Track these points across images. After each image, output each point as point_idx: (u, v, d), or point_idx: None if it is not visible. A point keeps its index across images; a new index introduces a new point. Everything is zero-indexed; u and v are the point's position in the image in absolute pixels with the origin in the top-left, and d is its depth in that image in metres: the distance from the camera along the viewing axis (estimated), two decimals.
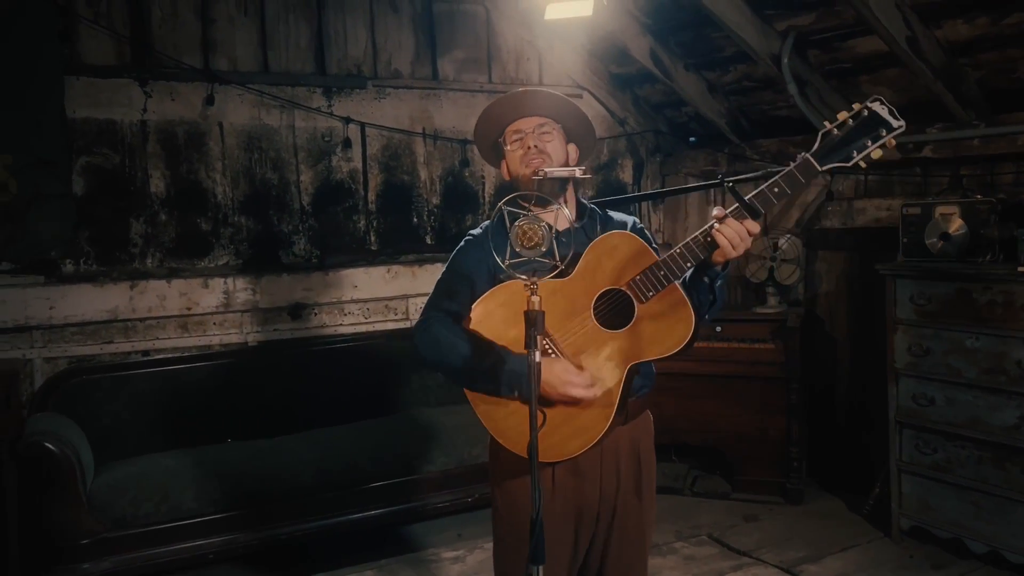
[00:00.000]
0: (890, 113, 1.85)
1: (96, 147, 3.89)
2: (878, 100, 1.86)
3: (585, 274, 1.99)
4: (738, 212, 1.89)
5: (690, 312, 1.94)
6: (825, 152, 1.87)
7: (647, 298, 1.94)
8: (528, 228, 1.75)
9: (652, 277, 1.93)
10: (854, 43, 3.91)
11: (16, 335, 3.73)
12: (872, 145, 1.86)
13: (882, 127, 1.85)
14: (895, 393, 3.78)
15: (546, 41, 4.94)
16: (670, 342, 1.95)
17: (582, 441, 1.96)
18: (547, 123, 2.10)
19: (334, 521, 3.68)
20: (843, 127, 1.86)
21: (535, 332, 1.74)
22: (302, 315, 4.33)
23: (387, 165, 4.57)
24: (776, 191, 1.88)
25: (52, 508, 3.23)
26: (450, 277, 2.13)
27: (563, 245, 2.05)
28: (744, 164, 4.89)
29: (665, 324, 1.95)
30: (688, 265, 1.93)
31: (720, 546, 3.93)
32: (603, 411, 1.96)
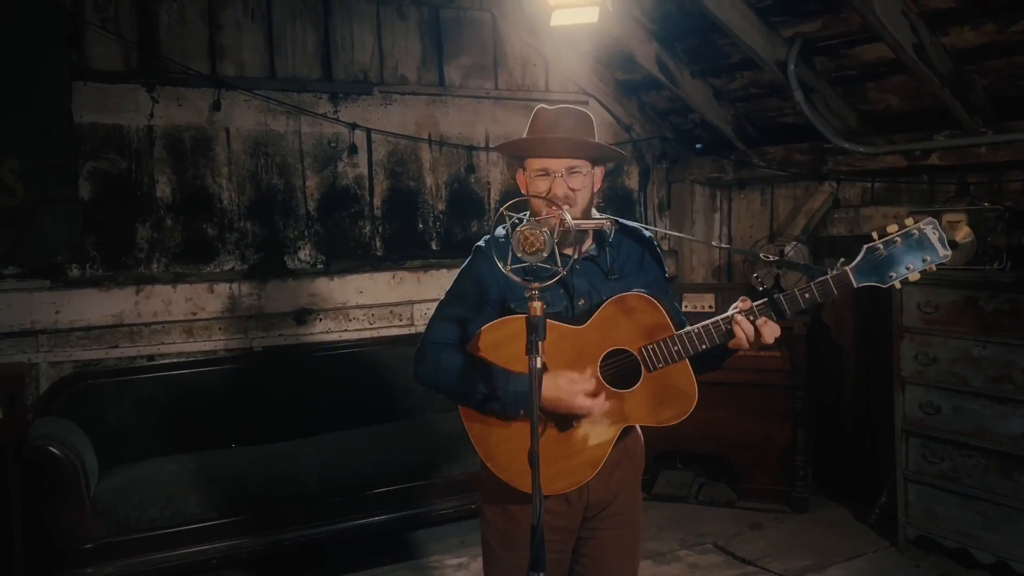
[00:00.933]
0: (940, 240, 1.83)
1: (103, 152, 3.91)
2: (932, 223, 1.83)
3: (598, 328, 2.00)
4: (764, 308, 1.91)
5: (694, 391, 1.98)
6: (866, 269, 1.86)
7: (655, 368, 1.97)
8: (530, 233, 1.74)
9: (665, 350, 1.95)
10: (861, 50, 3.90)
11: (22, 339, 3.75)
12: (912, 271, 1.84)
13: (928, 253, 1.83)
14: (901, 401, 3.76)
15: (552, 47, 4.94)
16: (670, 414, 1.99)
17: (565, 484, 2.00)
18: (576, 164, 2.01)
19: (338, 527, 3.68)
20: (890, 245, 1.84)
21: (536, 338, 1.73)
22: (307, 320, 4.33)
23: (393, 171, 4.58)
24: (807, 297, 1.89)
25: (56, 512, 3.24)
26: (455, 296, 2.11)
27: (577, 274, 2.07)
28: (750, 171, 4.89)
29: (669, 396, 1.99)
30: (703, 347, 1.95)
31: (725, 554, 3.91)
32: (590, 463, 2.00)
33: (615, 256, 2.12)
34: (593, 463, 2.00)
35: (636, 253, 2.16)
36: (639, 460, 2.22)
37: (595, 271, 2.09)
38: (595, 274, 2.08)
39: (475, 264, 2.10)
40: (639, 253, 2.16)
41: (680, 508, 4.47)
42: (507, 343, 1.97)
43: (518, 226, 1.76)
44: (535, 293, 1.75)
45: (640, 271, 2.14)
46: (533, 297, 1.75)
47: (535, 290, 1.75)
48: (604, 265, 2.09)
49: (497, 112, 4.84)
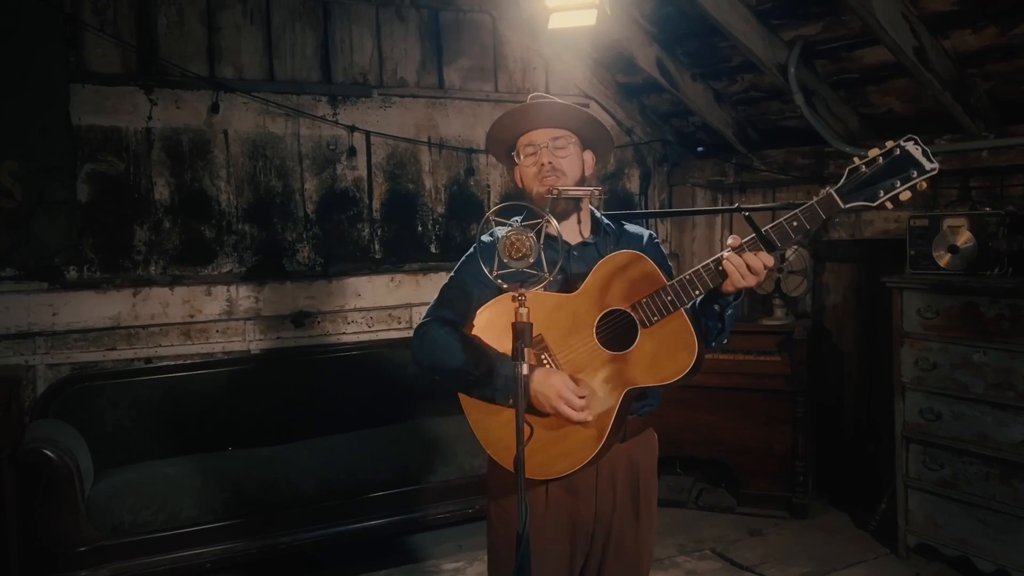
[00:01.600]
0: (924, 154, 1.77)
1: (101, 154, 3.91)
2: (912, 139, 1.78)
3: (591, 291, 1.96)
4: (753, 243, 1.84)
5: (694, 341, 1.88)
6: (851, 189, 1.79)
7: (651, 323, 1.90)
8: (516, 239, 1.73)
9: (658, 302, 1.88)
10: (861, 53, 3.87)
11: (19, 341, 3.74)
12: (901, 186, 1.77)
13: (914, 168, 1.77)
14: (902, 407, 3.73)
15: (553, 50, 4.93)
16: (671, 370, 1.90)
17: (568, 463, 1.93)
18: (562, 136, 2.03)
19: (334, 531, 3.66)
20: (872, 164, 1.78)
21: (522, 344, 1.72)
22: (305, 323, 4.32)
23: (392, 173, 4.57)
24: (795, 225, 1.82)
25: (50, 515, 3.23)
26: (453, 284, 2.11)
27: (575, 259, 2.05)
28: (751, 174, 4.86)
29: (667, 351, 1.90)
30: (696, 293, 1.88)
31: (723, 561, 3.88)
32: (593, 436, 1.92)
33: (615, 241, 2.10)
34: (596, 436, 1.90)
35: (636, 244, 2.13)
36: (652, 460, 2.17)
37: (593, 254, 2.06)
38: (593, 258, 2.04)
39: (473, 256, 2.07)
40: (639, 245, 2.13)
41: (679, 513, 4.44)
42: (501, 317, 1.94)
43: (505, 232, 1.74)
44: (522, 298, 1.74)
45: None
46: (520, 303, 1.74)
47: (522, 295, 1.74)
48: (603, 249, 2.07)
49: (497, 115, 4.76)
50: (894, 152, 1.78)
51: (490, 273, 1.76)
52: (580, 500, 2.05)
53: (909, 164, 1.77)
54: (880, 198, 1.78)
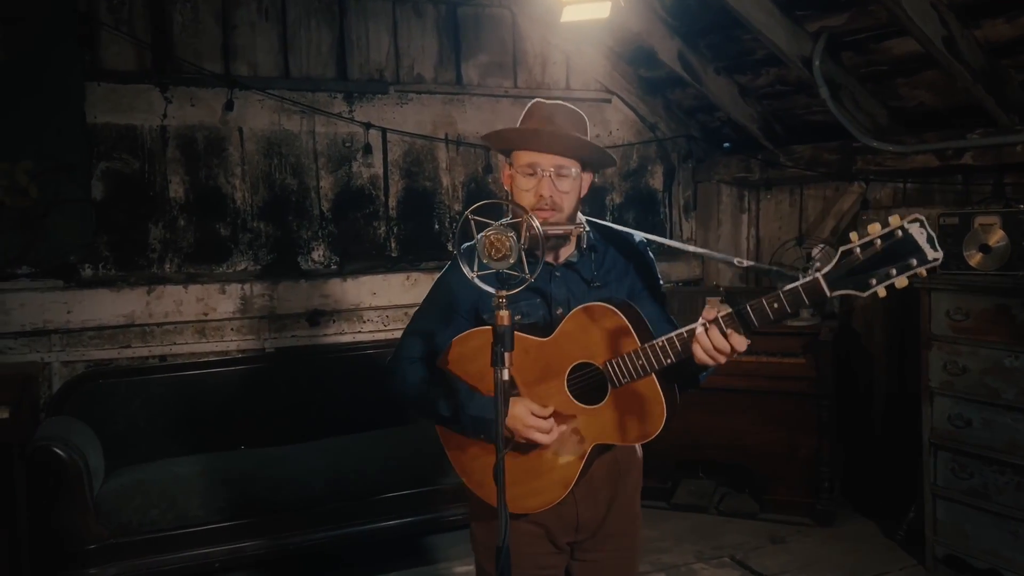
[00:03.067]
0: (928, 240, 1.55)
1: (116, 152, 3.92)
2: (918, 221, 1.57)
3: (563, 341, 1.89)
4: (730, 319, 1.71)
5: (662, 411, 1.82)
6: (841, 274, 1.61)
7: (621, 383, 1.83)
8: (496, 239, 1.66)
9: (629, 365, 1.81)
10: (890, 44, 3.73)
11: (35, 339, 3.77)
12: (896, 275, 1.57)
13: (914, 256, 1.55)
14: (929, 413, 3.58)
15: (574, 44, 4.84)
16: (636, 434, 1.85)
17: (538, 502, 1.93)
18: (566, 164, 1.91)
19: (344, 532, 3.63)
20: (868, 248, 1.59)
21: (502, 349, 1.65)
22: (320, 322, 4.30)
23: (409, 171, 4.52)
24: (775, 307, 1.67)
25: (60, 512, 3.24)
26: (426, 309, 2.05)
27: (556, 281, 1.98)
28: (777, 170, 4.73)
29: (636, 415, 1.85)
30: (668, 361, 1.78)
31: (742, 569, 3.77)
32: (561, 482, 1.91)
33: (599, 263, 2.01)
34: (564, 483, 1.91)
35: (622, 260, 2.04)
36: (635, 476, 2.11)
37: (575, 279, 1.98)
38: (575, 282, 1.98)
39: (448, 273, 2.03)
40: (625, 258, 2.05)
41: (700, 519, 4.33)
42: (474, 356, 1.90)
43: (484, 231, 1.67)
44: (502, 301, 1.67)
45: (624, 278, 2.02)
46: (500, 305, 1.67)
47: (502, 298, 1.67)
48: (586, 272, 1.99)
49: (516, 111, 4.64)
50: (895, 234, 1.57)
51: (471, 274, 1.69)
52: (560, 517, 1.99)
53: (910, 250, 1.56)
54: (871, 287, 1.60)
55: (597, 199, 5.05)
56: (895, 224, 1.58)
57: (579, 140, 1.92)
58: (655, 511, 4.42)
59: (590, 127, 2.05)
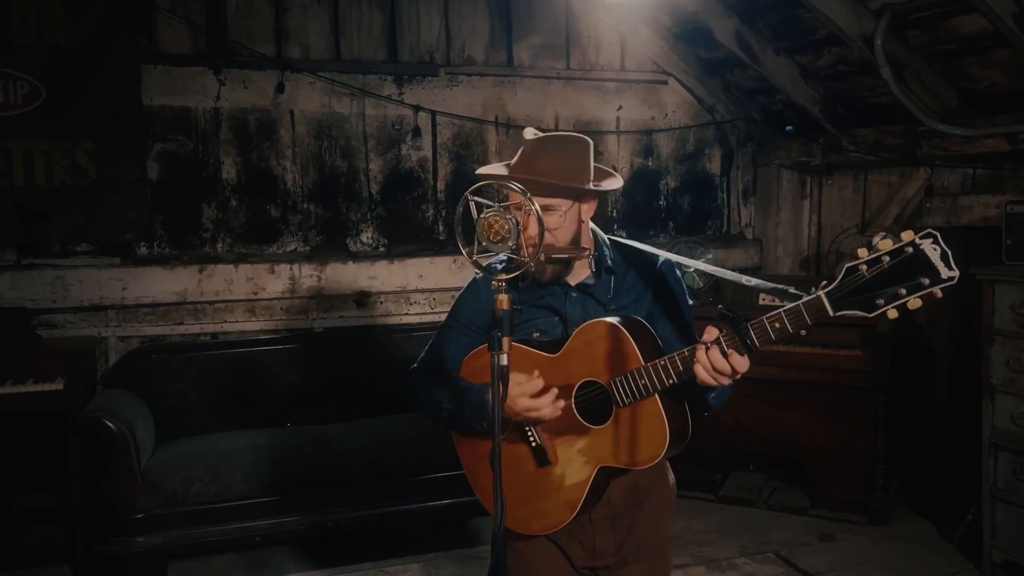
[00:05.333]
0: (942, 258, 1.42)
1: (171, 134, 4.02)
2: (931, 237, 1.44)
3: (570, 358, 1.86)
4: (731, 339, 1.65)
5: (665, 433, 1.76)
6: (844, 294, 1.50)
7: (625, 404, 1.78)
8: (494, 221, 1.62)
9: (632, 384, 1.76)
10: (957, 21, 3.52)
11: (92, 314, 3.91)
12: (907, 296, 1.44)
13: (926, 274, 1.42)
14: (990, 412, 3.40)
15: (629, 25, 4.73)
16: (640, 457, 1.79)
17: (544, 525, 1.89)
18: (552, 204, 1.82)
19: (382, 511, 3.65)
20: (875, 265, 1.46)
21: (499, 334, 1.62)
22: (367, 303, 4.33)
23: (458, 154, 4.51)
24: (777, 327, 1.60)
25: (108, 482, 3.35)
26: (445, 327, 2.08)
27: (572, 302, 1.93)
28: (839, 155, 4.54)
29: (638, 438, 1.80)
30: (670, 382, 1.73)
31: (786, 565, 3.66)
32: (567, 504, 1.86)
33: (617, 284, 1.95)
34: (570, 505, 1.85)
35: (642, 281, 1.96)
36: (661, 499, 2.02)
37: (591, 300, 1.93)
38: (591, 303, 1.92)
39: (464, 293, 2.07)
40: (645, 281, 1.96)
41: (748, 513, 4.23)
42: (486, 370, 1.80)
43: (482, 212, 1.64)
44: (502, 285, 1.64)
45: (643, 300, 1.94)
46: (499, 289, 1.63)
47: (501, 282, 1.64)
48: (601, 295, 1.93)
49: (568, 93, 4.68)
50: (905, 251, 1.44)
51: (469, 257, 1.66)
52: (575, 540, 1.95)
53: (921, 268, 1.42)
54: (877, 308, 1.48)
55: (650, 184, 4.95)
56: (906, 239, 1.45)
57: (561, 187, 1.82)
58: (702, 503, 4.34)
59: (645, 109, 1.98)
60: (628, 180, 4.89)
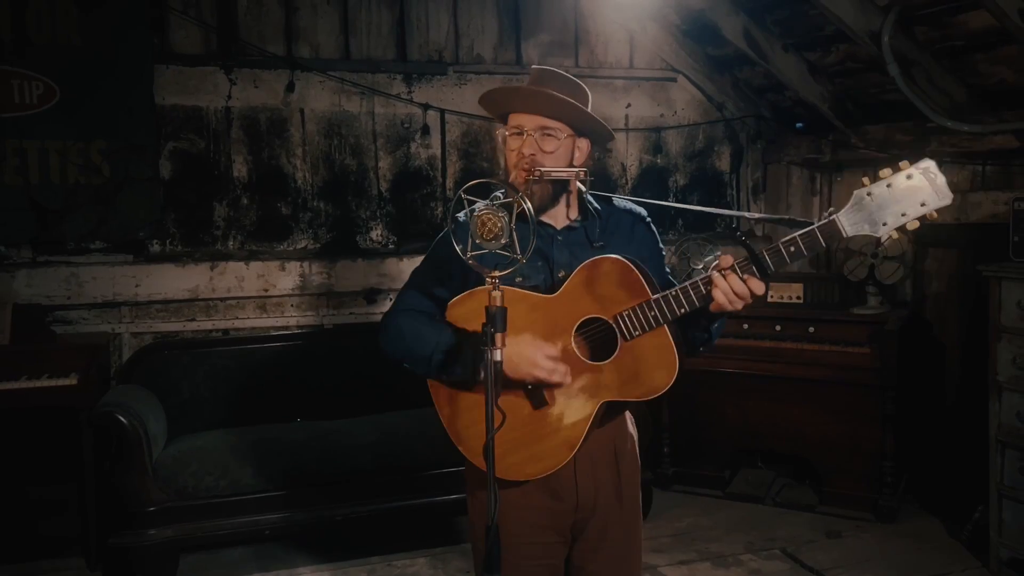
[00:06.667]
0: (939, 183, 1.61)
1: (183, 133, 4.07)
2: (929, 163, 1.62)
3: (571, 296, 1.86)
4: (746, 265, 1.74)
5: (675, 359, 1.80)
6: (855, 217, 1.65)
7: (632, 336, 1.81)
8: (488, 219, 1.64)
9: (641, 316, 1.79)
10: (965, 17, 3.51)
11: (106, 310, 3.97)
12: (909, 216, 1.62)
13: (925, 197, 1.61)
14: (997, 409, 3.40)
15: (638, 22, 4.74)
16: (648, 387, 1.82)
17: (541, 467, 1.87)
18: (552, 126, 1.88)
19: (391, 506, 3.69)
20: (879, 189, 1.64)
21: (493, 330, 1.64)
22: (377, 300, 4.37)
23: (466, 152, 4.54)
24: (792, 250, 1.70)
25: (120, 475, 3.41)
26: (424, 269, 2.02)
27: (559, 244, 1.95)
28: (849, 152, 4.53)
29: (646, 368, 1.82)
30: (682, 311, 1.78)
31: (792, 562, 3.67)
32: (566, 443, 1.86)
33: (602, 227, 1.98)
34: (570, 443, 1.85)
35: (626, 227, 2.01)
36: (632, 457, 2.07)
37: (578, 240, 1.95)
38: (578, 243, 1.94)
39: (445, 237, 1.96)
40: (629, 225, 2.02)
41: (755, 509, 4.24)
42: (473, 317, 1.85)
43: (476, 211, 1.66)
44: (496, 282, 1.66)
45: (628, 245, 1.97)
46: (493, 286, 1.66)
47: (495, 279, 1.66)
48: (591, 234, 1.96)
49: None
50: (908, 178, 1.62)
51: (464, 255, 1.68)
52: (559, 494, 1.96)
53: (921, 192, 1.61)
54: (883, 229, 1.64)
55: (660, 181, 4.96)
56: (905, 168, 1.62)
57: (560, 99, 1.86)
58: (709, 499, 4.36)
59: (654, 106, 2.01)
60: (637, 177, 4.90)
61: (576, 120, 1.91)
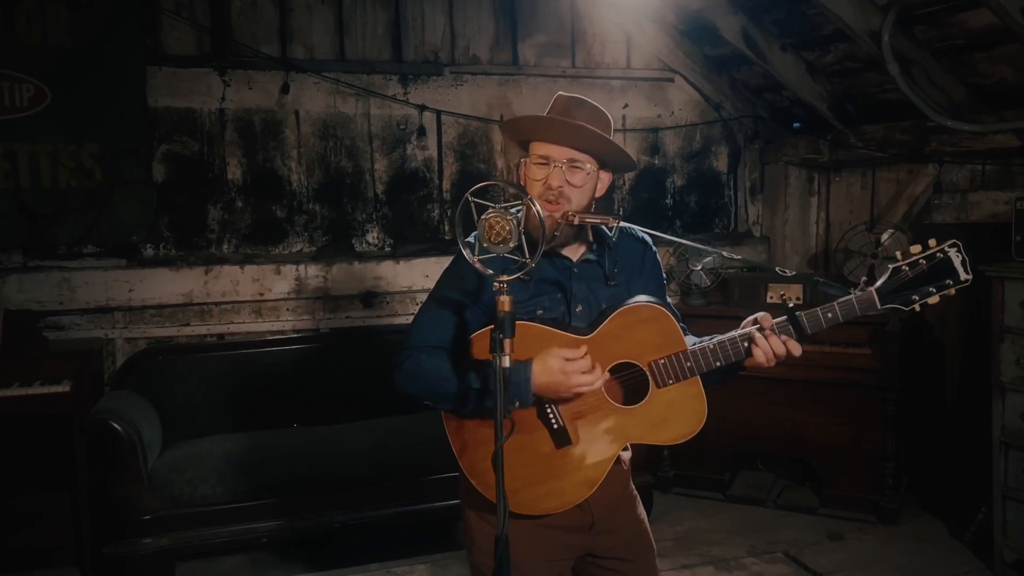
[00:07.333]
0: (962, 264, 1.77)
1: (176, 135, 4.02)
2: (956, 246, 1.77)
3: (606, 339, 1.85)
4: (784, 326, 1.83)
5: (704, 409, 1.88)
6: (890, 290, 1.79)
7: (665, 384, 1.86)
8: (496, 222, 1.61)
9: (677, 366, 1.85)
10: (965, 16, 3.49)
11: (99, 316, 3.91)
12: (935, 293, 1.78)
13: (950, 276, 1.77)
14: (1000, 410, 3.38)
15: (635, 23, 4.71)
16: (675, 433, 1.89)
17: (557, 503, 1.87)
18: (579, 158, 1.84)
19: (389, 512, 3.64)
20: (915, 267, 1.78)
21: (501, 336, 1.60)
22: (373, 304, 4.33)
23: (463, 153, 4.50)
24: (829, 316, 1.82)
25: (115, 483, 3.35)
26: (436, 305, 1.93)
27: (576, 277, 1.92)
28: (847, 151, 4.51)
29: (675, 414, 1.88)
30: (718, 364, 1.85)
31: (795, 565, 3.64)
32: (586, 482, 1.87)
33: (615, 260, 1.95)
34: (590, 482, 1.87)
35: (636, 257, 2.00)
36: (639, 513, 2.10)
37: (594, 275, 1.93)
38: (594, 279, 1.92)
39: (459, 264, 1.91)
40: (639, 256, 2.01)
41: (756, 512, 4.21)
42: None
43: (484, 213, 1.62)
44: (504, 287, 1.62)
45: (640, 276, 1.98)
46: (501, 290, 1.62)
47: (503, 283, 1.62)
48: (605, 269, 1.93)
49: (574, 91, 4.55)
50: (936, 256, 1.77)
51: (471, 258, 1.65)
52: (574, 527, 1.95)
53: (947, 271, 1.77)
54: (912, 303, 1.79)
55: (657, 182, 4.93)
56: (935, 247, 1.77)
57: (594, 134, 1.83)
58: (710, 503, 4.33)
59: (651, 107, 1.99)
60: (635, 178, 4.87)
61: (604, 153, 1.88)
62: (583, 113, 1.88)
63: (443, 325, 1.90)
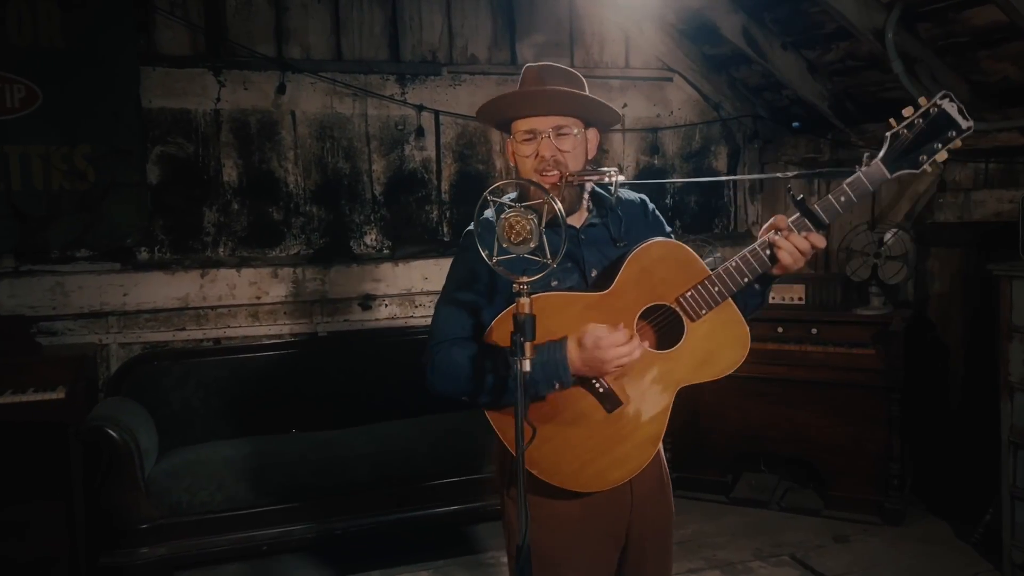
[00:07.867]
0: (959, 112, 1.74)
1: (171, 136, 3.95)
2: (947, 96, 1.73)
3: (626, 288, 1.80)
4: (801, 223, 1.77)
5: (746, 332, 1.83)
6: (894, 156, 1.74)
7: (699, 316, 1.80)
8: (516, 221, 1.56)
9: (705, 294, 1.79)
10: (970, 13, 3.46)
11: (93, 320, 3.84)
12: (941, 148, 1.75)
13: (951, 128, 1.74)
14: (1009, 410, 3.35)
15: (633, 22, 4.67)
16: (724, 364, 1.84)
17: (624, 472, 1.82)
18: (564, 123, 1.82)
19: (391, 518, 3.60)
20: (912, 127, 1.74)
21: (522, 339, 1.55)
22: (372, 306, 4.27)
23: (461, 154, 4.45)
24: (843, 200, 1.75)
25: (111, 491, 3.29)
26: (453, 289, 1.89)
27: (584, 244, 1.89)
28: (848, 151, 4.49)
29: (718, 344, 1.83)
30: (745, 280, 1.78)
31: (802, 568, 3.60)
32: (651, 438, 1.82)
33: (617, 219, 1.93)
34: (653, 439, 1.82)
35: (638, 214, 1.98)
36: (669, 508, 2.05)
37: (602, 239, 1.90)
38: (603, 242, 1.89)
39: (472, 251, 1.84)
40: (640, 213, 1.99)
41: (760, 515, 4.17)
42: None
43: (503, 213, 1.57)
44: (524, 288, 1.57)
45: (648, 230, 1.94)
46: (521, 292, 1.57)
47: (523, 285, 1.57)
48: (611, 231, 1.91)
49: None
50: (931, 112, 1.73)
51: (489, 259, 1.59)
52: (617, 505, 1.90)
53: (947, 124, 1.73)
54: (922, 164, 1.74)
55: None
56: (927, 104, 1.74)
57: (573, 94, 1.81)
58: (713, 505, 4.29)
59: (650, 106, 1.96)
60: (634, 178, 4.83)
61: (586, 112, 1.86)
62: (556, 78, 1.87)
63: (463, 316, 1.86)
